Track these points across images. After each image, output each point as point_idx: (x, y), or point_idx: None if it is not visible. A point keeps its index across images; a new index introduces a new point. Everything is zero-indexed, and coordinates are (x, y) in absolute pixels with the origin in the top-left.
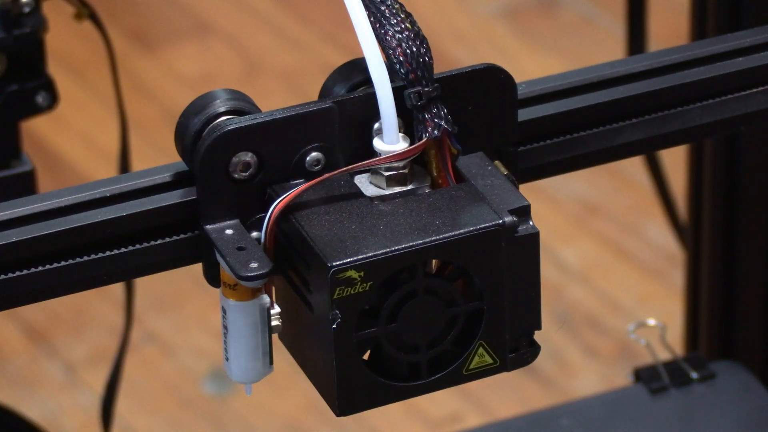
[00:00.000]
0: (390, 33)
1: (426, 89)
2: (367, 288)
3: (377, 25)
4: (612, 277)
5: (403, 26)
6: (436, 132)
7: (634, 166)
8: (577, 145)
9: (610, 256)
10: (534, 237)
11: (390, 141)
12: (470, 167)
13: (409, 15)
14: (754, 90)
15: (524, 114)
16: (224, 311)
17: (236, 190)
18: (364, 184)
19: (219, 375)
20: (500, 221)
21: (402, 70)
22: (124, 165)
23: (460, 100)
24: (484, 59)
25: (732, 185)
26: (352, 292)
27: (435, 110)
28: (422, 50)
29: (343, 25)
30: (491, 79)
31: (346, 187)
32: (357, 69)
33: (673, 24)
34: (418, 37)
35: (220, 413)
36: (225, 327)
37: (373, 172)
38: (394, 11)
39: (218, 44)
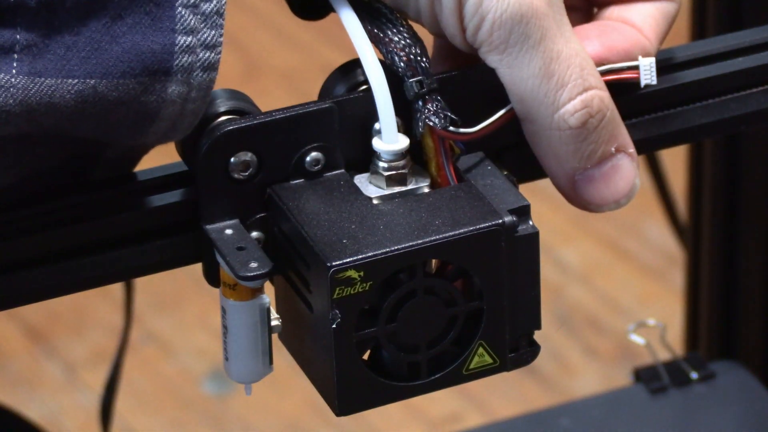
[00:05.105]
0: (388, 36)
1: (427, 80)
2: (367, 288)
3: (375, 30)
4: (612, 277)
5: (401, 29)
6: (441, 120)
7: None
8: None
9: (610, 256)
10: (534, 237)
11: (389, 140)
12: (470, 167)
13: (406, 21)
14: (754, 90)
15: None
16: (224, 311)
17: (236, 190)
18: (364, 184)
19: (219, 375)
20: (500, 221)
21: (401, 65)
22: None
23: (460, 99)
24: None
25: (732, 185)
26: (352, 292)
27: (438, 101)
28: (419, 51)
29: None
30: (491, 79)
31: (345, 187)
32: (357, 69)
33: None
34: (417, 42)
35: (220, 413)
36: (225, 327)
37: (373, 171)
38: (393, 18)
39: None
